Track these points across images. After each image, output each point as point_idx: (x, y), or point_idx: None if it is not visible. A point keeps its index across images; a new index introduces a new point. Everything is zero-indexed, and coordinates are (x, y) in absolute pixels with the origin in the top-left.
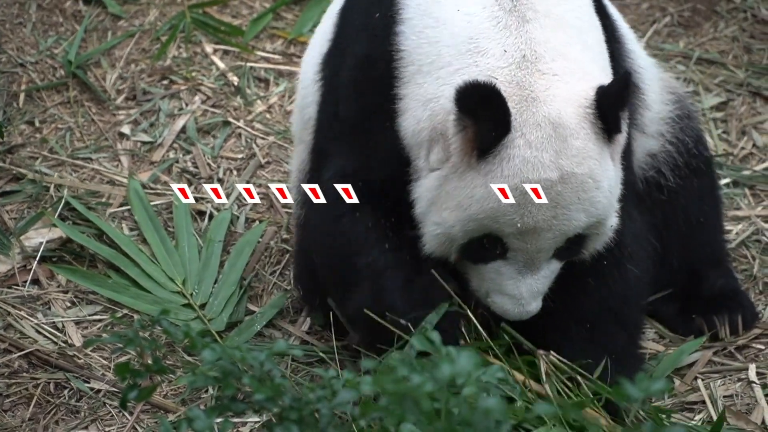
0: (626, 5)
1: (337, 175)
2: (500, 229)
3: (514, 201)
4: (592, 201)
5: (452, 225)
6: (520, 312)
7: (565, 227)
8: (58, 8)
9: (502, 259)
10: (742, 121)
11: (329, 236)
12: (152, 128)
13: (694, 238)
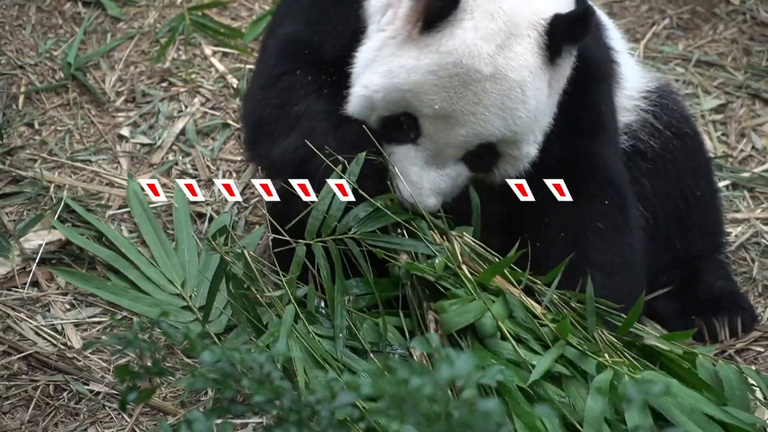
0: (625, 7)
1: (287, 39)
2: (418, 108)
3: (439, 80)
4: (514, 113)
5: (377, 90)
6: (420, 202)
7: (481, 129)
8: (57, 10)
9: (414, 144)
10: (741, 123)
11: (267, 89)
12: (152, 130)
13: (688, 206)
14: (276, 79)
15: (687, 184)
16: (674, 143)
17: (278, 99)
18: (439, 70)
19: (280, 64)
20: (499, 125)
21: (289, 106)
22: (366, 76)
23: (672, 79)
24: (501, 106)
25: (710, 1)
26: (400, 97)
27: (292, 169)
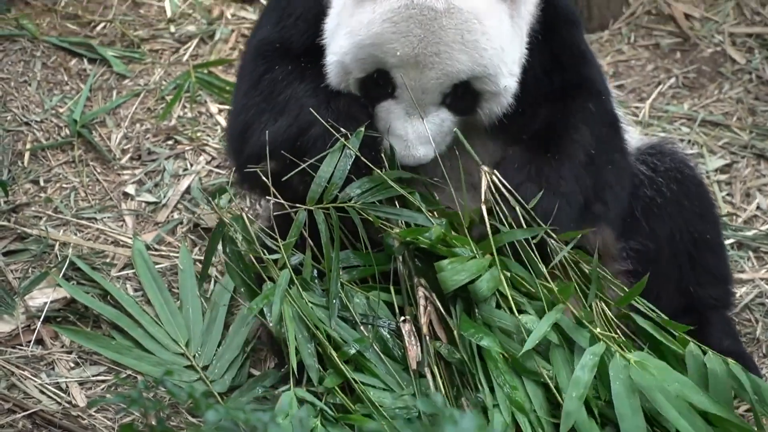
0: (631, 67)
1: (261, 42)
2: (385, 60)
3: (396, 26)
4: (477, 46)
5: (345, 52)
6: (407, 154)
7: (448, 68)
8: (63, 67)
9: (392, 98)
10: (746, 183)
11: (250, 92)
12: (157, 188)
13: (699, 250)
14: (257, 80)
15: (696, 228)
16: (676, 188)
17: (262, 95)
18: (394, 16)
19: (259, 66)
20: (465, 60)
21: (274, 97)
22: (334, 42)
23: (677, 138)
24: (462, 41)
25: (716, 61)
26: (366, 54)
27: (289, 144)
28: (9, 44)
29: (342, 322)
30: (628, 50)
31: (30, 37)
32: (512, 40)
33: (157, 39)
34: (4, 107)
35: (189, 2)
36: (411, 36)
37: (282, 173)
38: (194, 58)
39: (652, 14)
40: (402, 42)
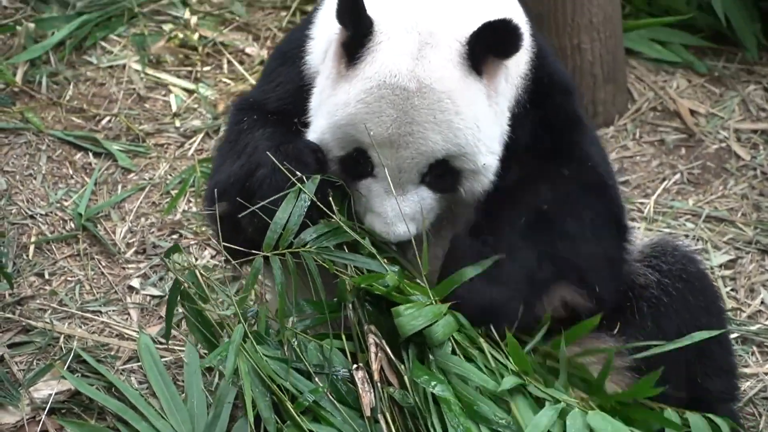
0: (636, 163)
1: (240, 101)
2: (361, 140)
3: (369, 107)
4: (451, 125)
5: (324, 131)
6: (387, 231)
7: (422, 147)
8: (68, 161)
9: (372, 176)
10: (750, 279)
11: (222, 146)
12: (162, 282)
13: (707, 341)
14: (228, 131)
15: (702, 322)
16: (681, 287)
17: (229, 145)
18: (367, 97)
19: (232, 119)
20: (439, 140)
21: (237, 144)
22: (315, 121)
23: (681, 233)
24: (434, 121)
25: (721, 157)
26: (343, 133)
27: (239, 186)
28: (14, 138)
29: (296, 374)
30: (634, 146)
31: (35, 130)
32: (489, 118)
33: (162, 133)
34: (9, 200)
35: (194, 97)
36: (384, 116)
37: (234, 214)
38: (199, 152)
39: (657, 110)
40: (375, 122)
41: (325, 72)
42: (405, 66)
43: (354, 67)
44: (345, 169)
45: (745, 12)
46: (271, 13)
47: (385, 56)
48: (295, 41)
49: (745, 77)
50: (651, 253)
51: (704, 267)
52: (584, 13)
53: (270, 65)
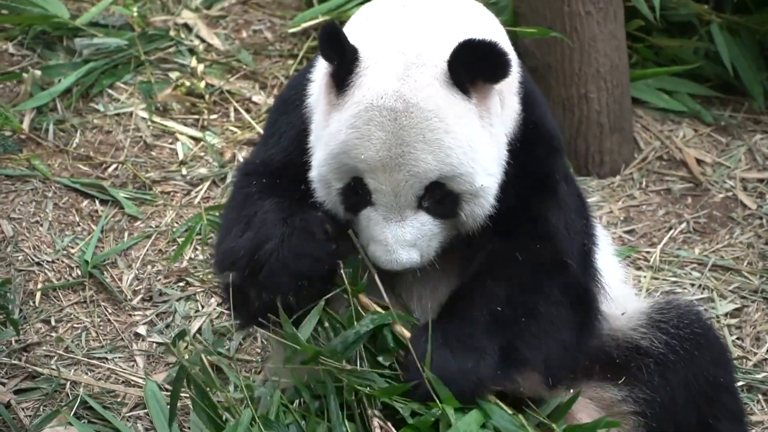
0: (642, 212)
1: (245, 163)
2: (355, 166)
3: (359, 131)
4: (441, 145)
5: (321, 164)
6: (389, 259)
7: (415, 168)
8: (74, 208)
9: (371, 205)
10: (756, 327)
11: (228, 212)
12: (168, 329)
13: (716, 389)
14: (235, 196)
15: (710, 373)
16: (688, 346)
17: (236, 212)
18: (356, 121)
19: (239, 183)
20: (431, 160)
21: (244, 211)
22: (314, 156)
23: (688, 283)
24: (424, 140)
25: (727, 206)
26: (339, 162)
27: (246, 257)
28: (21, 185)
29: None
30: (640, 195)
31: (42, 177)
32: (484, 139)
33: (168, 181)
34: (15, 247)
35: (201, 145)
36: (374, 139)
37: (242, 285)
38: (206, 200)
39: (663, 159)
40: (366, 146)
41: (320, 107)
42: (391, 87)
43: (343, 95)
44: (345, 200)
45: (752, 62)
46: (278, 62)
47: (372, 80)
48: (295, 87)
49: (752, 126)
50: (658, 318)
51: (710, 321)
52: (591, 63)
53: (272, 117)
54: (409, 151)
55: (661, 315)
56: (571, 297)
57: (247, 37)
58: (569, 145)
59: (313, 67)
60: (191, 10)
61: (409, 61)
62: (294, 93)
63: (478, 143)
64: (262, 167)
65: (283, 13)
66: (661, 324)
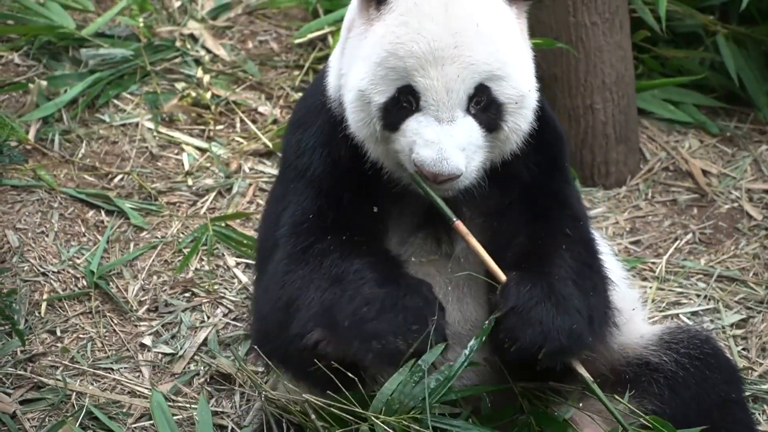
0: (648, 223)
1: (295, 224)
2: (404, 67)
3: (409, 27)
4: (492, 38)
5: (362, 78)
6: (439, 158)
7: (467, 59)
8: (80, 218)
9: (419, 111)
10: (762, 338)
11: (294, 266)
12: (174, 340)
13: (727, 406)
14: (302, 253)
15: (722, 390)
16: (699, 364)
17: (308, 268)
18: (406, 18)
19: (299, 249)
20: (482, 51)
21: (322, 269)
22: (349, 80)
23: (693, 294)
24: (476, 30)
25: (732, 217)
26: (386, 68)
27: (350, 314)
28: (26, 195)
29: None
30: (646, 206)
31: (47, 188)
32: (525, 49)
33: (174, 192)
34: (21, 257)
35: (206, 156)
36: (424, 32)
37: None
38: (212, 211)
39: (669, 170)
40: (418, 40)
41: (354, 32)
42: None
43: (386, 4)
44: (386, 116)
45: (757, 72)
46: (284, 72)
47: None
48: (311, 96)
49: (758, 137)
50: (669, 339)
51: (720, 346)
52: (597, 74)
53: (291, 143)
54: (461, 42)
55: (671, 337)
56: (602, 271)
57: (253, 48)
58: (575, 156)
59: (324, 75)
60: (197, 20)
61: None
62: (312, 102)
63: (520, 49)
64: (315, 222)
65: (289, 24)
66: (671, 344)
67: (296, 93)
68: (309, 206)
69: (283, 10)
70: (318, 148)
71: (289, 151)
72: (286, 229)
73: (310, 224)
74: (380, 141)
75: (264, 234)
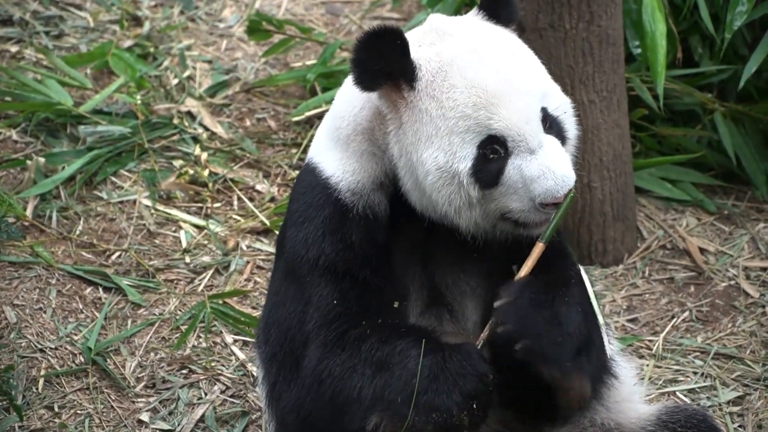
0: (645, 300)
1: (323, 315)
2: (477, 123)
3: (470, 75)
4: (526, 61)
5: (436, 156)
6: (561, 179)
7: (525, 85)
8: (78, 295)
9: (510, 157)
10: (758, 415)
11: (330, 354)
12: (171, 416)
13: None
14: (337, 340)
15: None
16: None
17: (346, 354)
18: (449, 80)
19: (333, 327)
20: (531, 73)
21: (366, 354)
22: (418, 169)
23: (690, 371)
24: (521, 56)
25: (729, 294)
26: (459, 131)
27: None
28: (24, 271)
29: None
30: (643, 284)
31: (45, 264)
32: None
33: (172, 269)
34: (19, 333)
35: (204, 233)
36: (475, 81)
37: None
38: (209, 288)
39: (666, 248)
40: (474, 92)
41: (389, 128)
42: (451, 41)
43: (420, 81)
44: (479, 174)
45: (755, 151)
46: (282, 150)
47: (428, 52)
48: (308, 189)
49: (755, 215)
50: (666, 419)
51: (718, 425)
52: (595, 152)
53: (296, 236)
54: (509, 75)
55: (669, 417)
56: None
57: (251, 126)
58: (572, 234)
59: (314, 172)
60: (195, 98)
61: (449, 26)
62: (311, 198)
63: (540, 65)
64: (348, 313)
65: (287, 102)
66: (669, 424)
67: (294, 171)
68: (331, 292)
69: (281, 88)
70: (327, 236)
71: (297, 247)
72: (315, 322)
73: (337, 311)
74: (476, 205)
75: (287, 335)
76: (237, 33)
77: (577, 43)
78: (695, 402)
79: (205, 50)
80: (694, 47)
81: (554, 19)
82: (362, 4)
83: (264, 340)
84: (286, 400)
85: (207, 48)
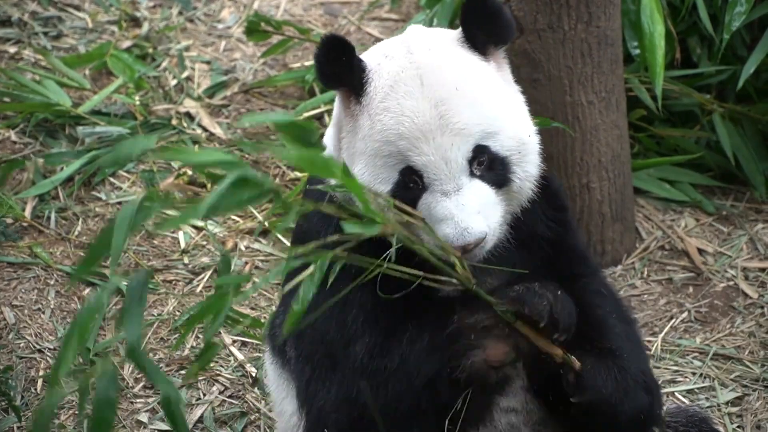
0: (644, 301)
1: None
2: (399, 152)
3: (391, 111)
4: (476, 97)
5: (362, 173)
6: (461, 230)
7: (457, 125)
8: (76, 295)
9: (426, 191)
10: (757, 415)
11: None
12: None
13: None
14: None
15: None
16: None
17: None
18: (385, 103)
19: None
20: (470, 114)
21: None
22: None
23: (689, 372)
24: (458, 93)
25: (728, 295)
26: (381, 156)
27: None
28: (23, 272)
29: None
30: (641, 285)
31: (44, 265)
32: (512, 98)
33: (170, 270)
34: (17, 334)
35: (202, 234)
36: (407, 111)
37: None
38: (208, 289)
39: (665, 249)
40: (402, 121)
41: (345, 132)
42: (407, 60)
43: (364, 96)
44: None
45: (753, 151)
46: None
47: (386, 67)
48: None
49: (753, 216)
50: (668, 420)
51: (718, 428)
52: (593, 153)
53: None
54: (445, 110)
55: (672, 418)
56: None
57: (249, 126)
58: None
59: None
60: (193, 98)
61: (415, 43)
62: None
63: (508, 99)
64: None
65: (286, 103)
66: (670, 423)
67: (293, 172)
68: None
69: (280, 89)
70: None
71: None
72: (361, 320)
73: (381, 308)
74: None
75: (325, 337)
76: (235, 34)
77: (575, 44)
78: (694, 402)
79: (203, 51)
80: (693, 48)
81: (553, 20)
82: (360, 5)
83: (293, 342)
84: (323, 399)
85: (205, 49)
